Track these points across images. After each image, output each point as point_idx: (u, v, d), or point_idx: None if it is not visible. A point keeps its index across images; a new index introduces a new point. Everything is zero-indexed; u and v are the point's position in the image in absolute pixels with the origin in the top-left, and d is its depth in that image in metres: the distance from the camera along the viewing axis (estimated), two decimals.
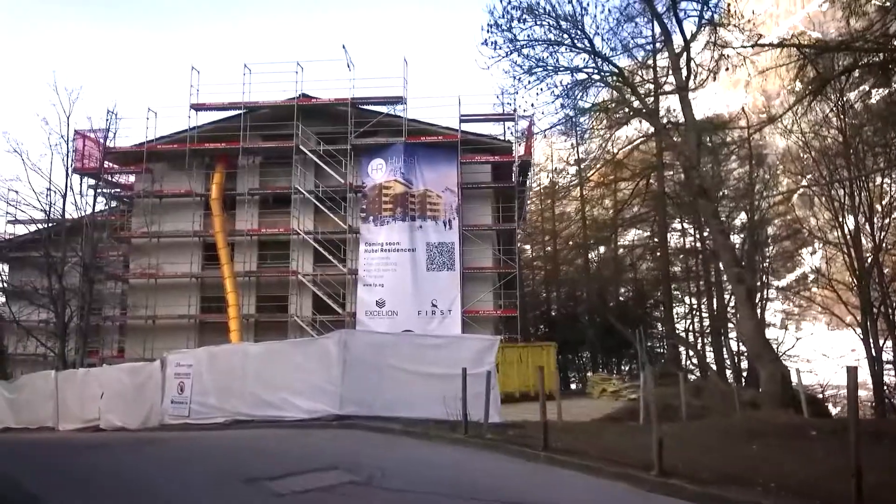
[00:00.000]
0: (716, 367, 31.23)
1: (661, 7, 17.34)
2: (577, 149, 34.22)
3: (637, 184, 28.89)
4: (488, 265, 26.26)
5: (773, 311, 35.79)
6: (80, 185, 26.47)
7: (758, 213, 29.85)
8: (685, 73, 16.29)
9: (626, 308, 33.22)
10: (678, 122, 18.47)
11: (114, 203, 29.06)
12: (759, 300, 27.13)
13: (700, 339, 35.38)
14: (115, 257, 27.61)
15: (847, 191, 27.16)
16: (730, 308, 31.48)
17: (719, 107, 44.33)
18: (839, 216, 27.72)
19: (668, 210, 31.07)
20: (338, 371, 12.87)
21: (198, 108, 27.13)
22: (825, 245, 29.40)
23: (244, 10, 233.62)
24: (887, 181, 27.41)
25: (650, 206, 31.87)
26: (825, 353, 34.46)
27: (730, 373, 31.21)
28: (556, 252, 40.32)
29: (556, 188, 39.38)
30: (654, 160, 29.46)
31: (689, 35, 16.43)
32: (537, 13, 16.21)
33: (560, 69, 17.85)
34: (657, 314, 36.31)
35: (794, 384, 15.27)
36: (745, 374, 30.94)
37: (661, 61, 23.38)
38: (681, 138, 18.11)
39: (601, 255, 38.48)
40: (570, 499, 6.48)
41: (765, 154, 32.49)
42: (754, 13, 17.04)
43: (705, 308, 35.11)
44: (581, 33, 16.92)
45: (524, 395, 21.44)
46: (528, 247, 43.20)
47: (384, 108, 27.16)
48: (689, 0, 17.18)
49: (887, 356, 27.51)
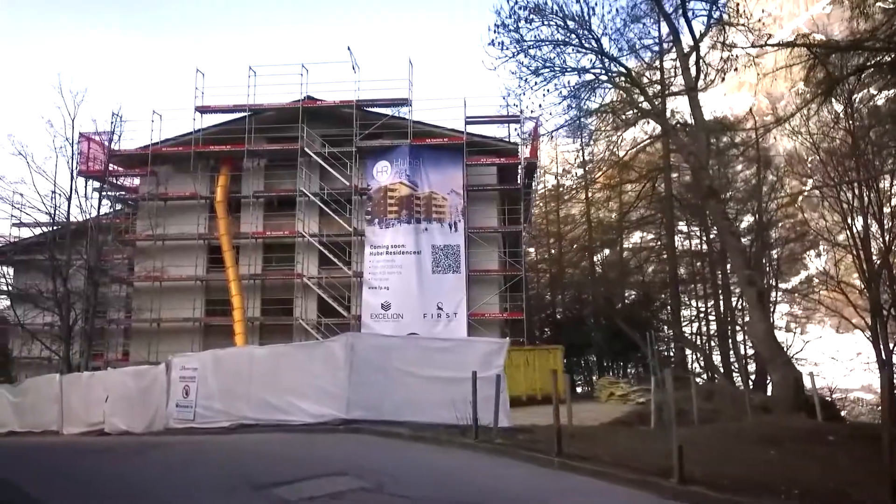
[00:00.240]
0: (723, 371, 30.96)
1: (668, 7, 17.21)
2: (583, 151, 34.10)
3: (644, 186, 28.67)
4: (494, 268, 26.11)
5: (779, 314, 35.51)
6: (85, 187, 26.48)
7: (765, 215, 29.61)
8: (694, 73, 16.13)
9: (632, 311, 32.96)
10: (686, 123, 18.27)
11: (118, 206, 29.02)
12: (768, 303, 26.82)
13: (707, 342, 35.11)
14: (119, 260, 27.51)
15: (856, 192, 26.90)
16: (738, 311, 31.22)
17: (723, 109, 44.16)
18: (848, 218, 27.46)
19: (675, 212, 30.84)
20: (344, 374, 12.71)
21: (203, 110, 27.08)
22: (834, 247, 29.12)
23: (249, 13, 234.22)
24: None
25: (656, 208, 31.65)
26: (834, 357, 34.20)
27: (737, 376, 30.94)
28: (562, 255, 40.11)
29: (562, 190, 39.20)
30: (660, 162, 29.28)
31: (697, 34, 16.28)
32: (544, 13, 16.09)
33: (567, 70, 17.72)
34: (663, 316, 36.05)
35: (806, 388, 15.04)
36: (752, 378, 30.67)
37: (668, 63, 23.35)
38: (689, 139, 17.91)
39: (607, 258, 38.26)
40: None
41: (772, 156, 32.26)
42: (763, 12, 16.88)
43: (712, 311, 34.85)
44: (588, 33, 16.79)
45: (531, 398, 21.26)
46: (532, 249, 42.99)
47: (389, 111, 27.10)
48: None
49: None
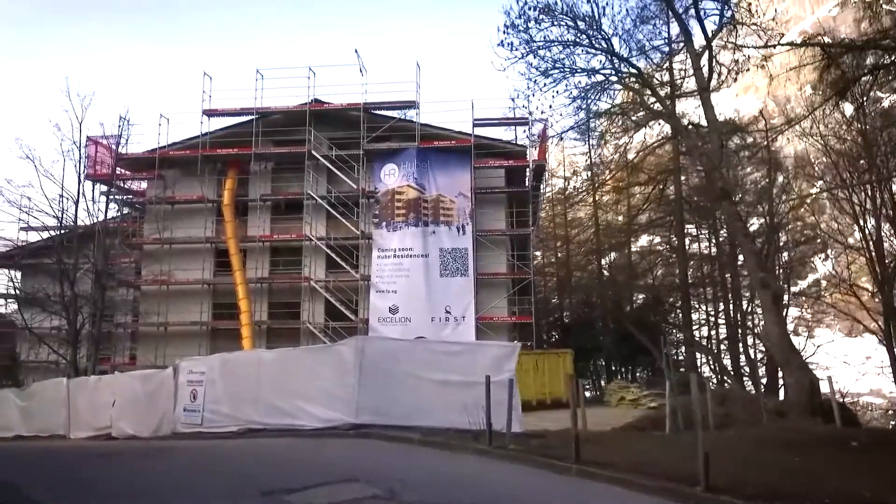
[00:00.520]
0: (733, 375, 30.61)
1: (679, 7, 17.00)
2: (591, 153, 33.86)
3: (653, 188, 28.40)
4: (502, 271, 25.91)
5: (790, 318, 35.10)
6: (93, 191, 26.45)
7: (776, 217, 29.30)
8: (706, 73, 15.91)
9: (641, 314, 32.67)
10: (697, 124, 18.04)
11: (126, 209, 28.99)
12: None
13: (718, 346, 34.74)
14: (127, 264, 27.46)
15: (868, 193, 26.59)
16: (749, 314, 30.88)
17: (730, 112, 43.81)
18: (860, 220, 27.13)
19: (684, 215, 30.54)
20: (353, 378, 12.56)
21: (210, 113, 27.04)
22: (846, 249, 28.78)
23: (256, 17, 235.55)
24: None
25: (665, 210, 31.38)
26: (846, 361, 33.77)
27: (746, 380, 30.59)
28: (569, 258, 39.85)
29: (570, 193, 38.97)
30: (669, 165, 29.02)
31: (709, 34, 16.07)
32: (555, 13, 15.92)
33: (577, 71, 17.51)
34: (671, 319, 35.72)
35: (823, 393, 14.77)
36: (762, 382, 30.31)
37: (677, 63, 23.13)
38: (701, 140, 17.69)
39: (615, 261, 37.98)
40: None
41: (783, 157, 31.96)
42: (777, 12, 16.67)
43: (721, 314, 34.49)
44: (598, 33, 16.60)
45: (540, 403, 21.06)
46: (539, 253, 42.75)
47: (397, 113, 26.96)
48: None
49: None
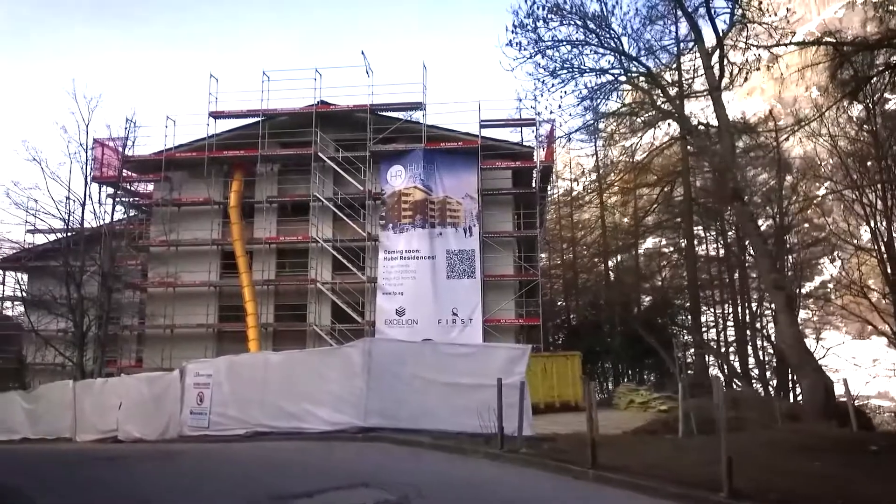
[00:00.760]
0: (742, 377, 30.33)
1: (689, 6, 16.81)
2: (601, 153, 33.71)
3: (662, 189, 28.20)
4: (509, 273, 25.75)
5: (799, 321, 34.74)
6: (99, 193, 26.45)
7: (786, 218, 29.03)
8: (717, 72, 15.74)
9: (650, 316, 32.43)
10: (708, 124, 17.86)
11: (132, 212, 28.97)
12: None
13: (727, 348, 34.46)
14: (133, 266, 27.44)
15: (879, 194, 26.28)
16: (758, 316, 30.61)
17: (734, 114, 43.46)
18: (871, 221, 26.83)
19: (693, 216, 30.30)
20: (362, 381, 12.41)
21: (216, 115, 27.01)
22: (857, 251, 28.47)
23: (262, 19, 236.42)
24: None
25: (674, 212, 31.16)
26: (856, 363, 33.43)
27: (756, 382, 30.30)
28: (575, 260, 39.65)
29: (577, 195, 38.80)
30: (677, 165, 28.81)
31: (720, 32, 15.90)
32: (563, 12, 15.79)
33: (585, 71, 17.36)
34: (678, 320, 35.47)
35: (838, 396, 14.55)
36: (772, 385, 30.03)
37: (685, 63, 22.96)
38: (711, 140, 17.51)
39: (622, 263, 37.74)
40: None
41: (792, 158, 31.70)
42: (788, 11, 16.50)
43: (730, 317, 34.23)
44: (608, 33, 16.47)
45: (549, 405, 20.92)
46: (545, 255, 42.55)
47: (403, 115, 26.84)
48: None
49: None
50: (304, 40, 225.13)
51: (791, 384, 27.38)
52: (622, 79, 18.06)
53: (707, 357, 31.02)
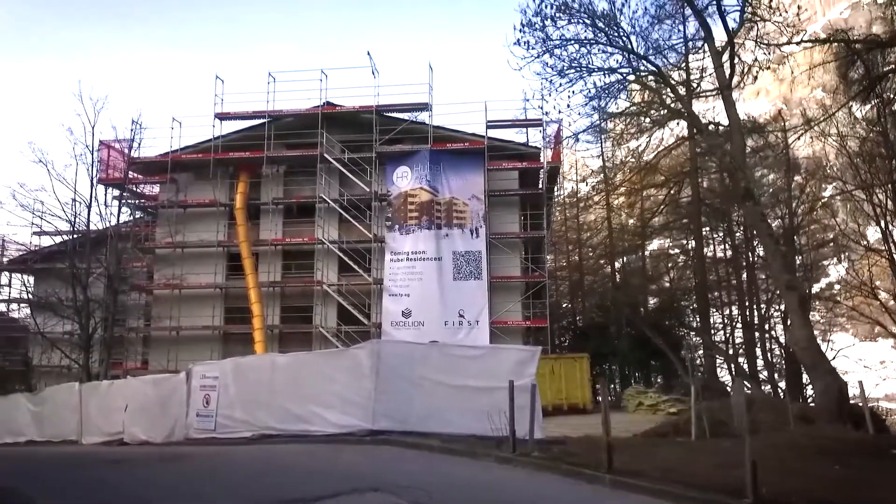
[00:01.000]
0: (751, 379, 30.03)
1: (699, 4, 16.62)
2: (605, 155, 33.53)
3: (670, 190, 27.98)
4: (516, 274, 25.60)
5: None
6: (105, 195, 26.47)
7: (795, 219, 28.78)
8: (728, 70, 15.56)
9: (657, 318, 32.18)
10: (718, 123, 17.69)
11: (138, 213, 28.95)
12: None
13: (737, 350, 34.18)
14: (139, 268, 27.41)
15: (889, 194, 26.01)
16: (767, 318, 30.34)
17: (739, 115, 43.15)
18: (881, 221, 26.56)
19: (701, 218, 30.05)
20: (370, 383, 12.28)
21: (222, 117, 26.96)
22: (867, 252, 28.20)
23: (268, 20, 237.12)
24: None
25: (681, 213, 30.92)
26: (867, 365, 33.09)
27: (765, 385, 30.02)
28: (581, 262, 39.43)
29: (583, 196, 38.62)
30: (685, 166, 28.59)
31: (731, 30, 15.72)
32: (572, 11, 15.65)
33: (594, 70, 17.18)
34: (686, 322, 35.20)
35: (852, 398, 14.33)
36: (781, 387, 29.74)
37: (693, 63, 22.76)
38: (722, 140, 17.33)
39: (630, 265, 37.51)
40: None
41: (802, 159, 31.44)
42: (800, 8, 16.30)
43: (738, 318, 33.94)
44: (617, 31, 16.30)
45: (556, 408, 20.74)
46: (551, 256, 42.33)
47: (409, 115, 26.72)
48: None
49: None
50: (310, 41, 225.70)
51: (801, 386, 27.09)
52: (630, 78, 17.91)
53: (716, 359, 30.75)
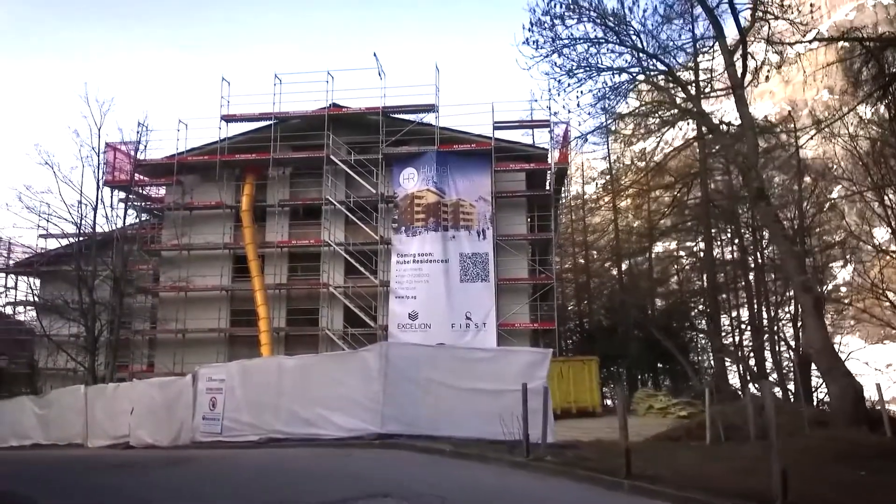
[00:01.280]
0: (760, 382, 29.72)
1: (711, 2, 16.41)
2: (613, 156, 33.31)
3: (679, 191, 27.75)
4: (523, 276, 25.42)
5: None
6: (111, 197, 26.38)
7: (805, 220, 28.47)
8: (740, 69, 15.36)
9: (666, 321, 31.92)
10: (729, 123, 17.47)
11: (144, 216, 28.90)
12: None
13: (741, 352, 33.87)
14: (145, 270, 27.36)
15: None
16: (777, 320, 30.02)
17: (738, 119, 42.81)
18: (893, 222, 26.23)
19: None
20: (379, 386, 12.08)
21: (228, 119, 26.90)
22: (878, 252, 27.86)
23: (275, 22, 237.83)
24: None
25: (690, 214, 30.65)
26: (878, 368, 32.69)
27: (775, 388, 29.69)
28: (588, 264, 39.19)
29: (591, 196, 38.42)
30: (694, 167, 28.34)
31: (743, 28, 15.50)
32: (582, 9, 15.48)
33: (603, 69, 16.99)
34: (695, 324, 34.92)
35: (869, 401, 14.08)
36: (790, 389, 29.42)
37: (702, 63, 22.54)
38: (733, 139, 17.11)
39: (637, 268, 37.25)
40: None
41: (811, 160, 31.15)
42: (813, 6, 16.11)
43: (746, 321, 33.62)
44: (626, 31, 16.12)
45: (566, 411, 20.48)
46: (557, 259, 42.08)
47: (416, 117, 26.61)
48: None
49: None
50: (316, 43, 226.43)
51: (813, 389, 26.78)
52: (640, 78, 17.70)
53: (725, 362, 30.47)
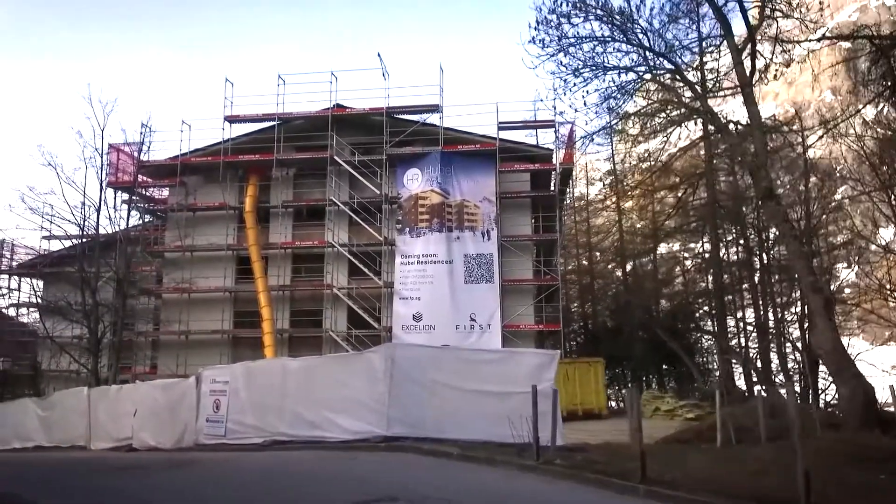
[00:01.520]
0: (766, 384, 29.50)
1: (719, 0, 16.27)
2: (617, 156, 33.10)
3: (685, 192, 27.57)
4: (528, 277, 25.26)
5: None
6: (115, 198, 26.30)
7: (812, 220, 28.26)
8: (749, 67, 15.19)
9: (672, 322, 31.70)
10: (738, 121, 17.30)
11: (147, 217, 28.82)
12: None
13: (747, 354, 33.64)
14: (148, 272, 27.26)
15: None
16: (783, 322, 29.80)
17: (749, 117, 42.62)
18: None
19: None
20: (384, 388, 11.96)
21: (232, 120, 26.80)
22: (886, 253, 27.64)
23: (278, 23, 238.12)
24: None
25: (696, 215, 30.46)
26: (884, 370, 32.43)
27: (782, 390, 29.43)
28: (592, 265, 38.99)
29: (596, 197, 38.25)
30: (700, 167, 28.15)
31: (752, 25, 15.35)
32: (589, 7, 15.34)
33: (609, 68, 16.84)
34: (698, 325, 34.69)
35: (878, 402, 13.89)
36: (797, 391, 29.19)
37: (708, 63, 22.38)
38: (741, 139, 16.94)
39: (641, 269, 37.05)
40: None
41: (816, 159, 30.93)
42: (822, 3, 15.93)
43: (752, 322, 33.39)
44: (633, 29, 15.97)
45: (571, 414, 20.31)
46: (561, 260, 41.88)
47: (420, 117, 26.47)
48: None
49: None
50: (320, 44, 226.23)
51: (820, 391, 26.58)
52: (647, 76, 17.55)
53: (732, 364, 30.24)
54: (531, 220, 26.33)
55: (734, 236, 32.79)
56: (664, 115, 18.12)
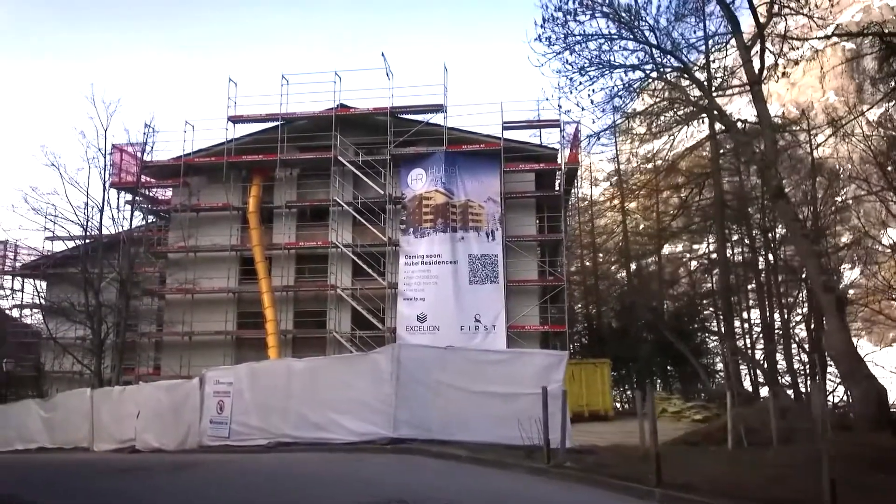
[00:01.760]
0: (772, 385, 29.27)
1: None
2: (623, 156, 33.00)
3: (691, 191, 27.41)
4: (533, 278, 25.08)
5: None
6: (118, 199, 26.20)
7: (819, 220, 28.06)
8: (758, 65, 15.03)
9: (678, 323, 31.50)
10: (746, 120, 17.15)
11: (151, 218, 28.73)
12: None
13: (753, 355, 33.42)
14: (151, 273, 27.16)
15: None
16: (791, 323, 29.59)
17: (751, 118, 42.44)
18: None
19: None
20: (390, 389, 11.81)
21: (235, 120, 26.69)
22: (894, 252, 27.41)
23: (281, 23, 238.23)
24: None
25: (702, 215, 30.27)
26: (893, 371, 32.18)
27: (789, 391, 29.24)
28: (596, 266, 38.82)
29: (600, 198, 38.09)
30: (706, 166, 27.97)
31: (760, 23, 15.18)
32: (595, 4, 15.19)
33: (615, 67, 16.70)
34: (704, 326, 34.49)
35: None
36: (804, 393, 28.96)
37: (715, 61, 22.22)
38: (749, 137, 16.79)
39: (646, 268, 36.87)
40: None
41: (823, 158, 30.73)
42: (831, 1, 15.76)
43: (759, 322, 33.18)
44: (640, 27, 15.83)
45: (578, 415, 20.10)
46: (566, 260, 41.68)
47: (424, 117, 26.34)
48: None
49: None
50: (324, 43, 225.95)
51: (825, 392, 26.32)
52: (654, 75, 17.40)
53: (749, 365, 30.07)
54: (536, 221, 26.16)
55: (740, 236, 32.63)
56: (671, 113, 17.93)
